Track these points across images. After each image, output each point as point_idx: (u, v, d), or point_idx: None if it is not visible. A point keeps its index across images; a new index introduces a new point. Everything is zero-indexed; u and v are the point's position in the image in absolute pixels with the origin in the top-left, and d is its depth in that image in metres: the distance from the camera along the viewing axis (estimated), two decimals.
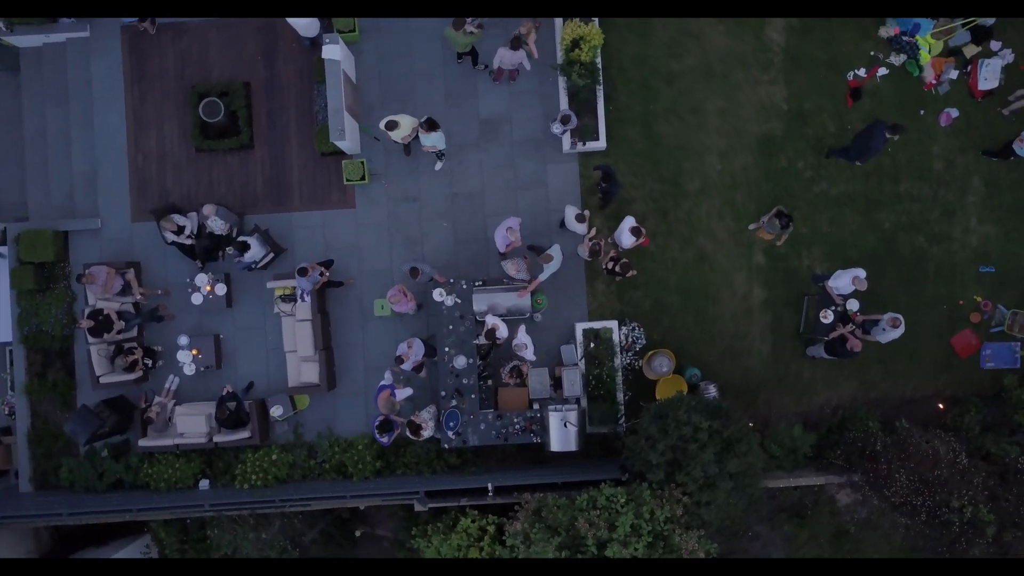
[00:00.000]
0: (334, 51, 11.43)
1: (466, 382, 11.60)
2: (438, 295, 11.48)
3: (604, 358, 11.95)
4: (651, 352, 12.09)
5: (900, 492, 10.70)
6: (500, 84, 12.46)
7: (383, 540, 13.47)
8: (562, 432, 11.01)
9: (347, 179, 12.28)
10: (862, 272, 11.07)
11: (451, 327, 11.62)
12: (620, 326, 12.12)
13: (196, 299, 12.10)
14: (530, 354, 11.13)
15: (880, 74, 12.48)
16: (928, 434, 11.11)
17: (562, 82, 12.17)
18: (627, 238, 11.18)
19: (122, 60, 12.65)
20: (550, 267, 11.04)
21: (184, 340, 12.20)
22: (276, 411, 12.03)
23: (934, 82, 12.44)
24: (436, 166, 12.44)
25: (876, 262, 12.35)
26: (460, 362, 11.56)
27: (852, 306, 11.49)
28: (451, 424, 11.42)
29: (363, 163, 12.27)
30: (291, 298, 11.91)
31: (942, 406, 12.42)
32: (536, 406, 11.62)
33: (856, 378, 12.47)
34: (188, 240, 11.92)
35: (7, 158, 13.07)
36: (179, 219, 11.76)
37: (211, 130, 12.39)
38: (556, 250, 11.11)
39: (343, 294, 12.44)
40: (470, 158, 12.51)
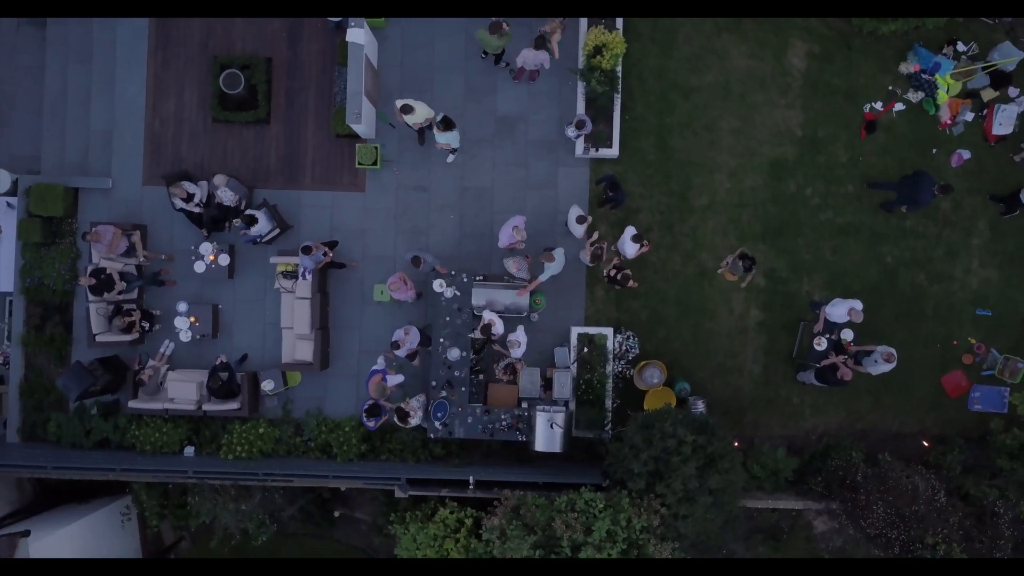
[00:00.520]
0: (358, 35, 11.49)
1: (458, 374, 11.68)
2: (438, 286, 11.56)
3: (596, 364, 12.02)
4: (643, 362, 12.16)
5: (876, 524, 10.75)
6: (520, 83, 12.53)
7: (361, 523, 13.56)
8: (548, 433, 11.09)
9: (359, 163, 12.36)
10: (859, 304, 11.11)
11: (448, 319, 11.70)
12: (615, 334, 12.18)
13: (199, 267, 12.18)
14: (519, 352, 11.19)
15: (896, 109, 12.54)
16: (909, 469, 11.15)
17: (581, 87, 12.23)
18: (630, 247, 11.23)
19: (148, 24, 12.73)
20: (551, 268, 11.11)
21: (183, 307, 12.30)
22: (267, 385, 12.10)
23: (949, 122, 12.49)
24: (448, 159, 12.51)
25: (875, 295, 12.43)
26: (454, 354, 11.64)
27: (846, 336, 11.53)
28: (439, 415, 11.50)
29: (376, 148, 12.35)
30: (292, 275, 11.98)
31: (926, 443, 12.49)
32: (525, 405, 11.70)
33: (844, 407, 12.54)
34: (196, 208, 12.00)
35: (26, 111, 13.12)
36: (189, 186, 11.84)
37: (230, 101, 12.47)
38: (559, 252, 11.20)
39: (344, 276, 12.53)
40: (483, 153, 12.58)
